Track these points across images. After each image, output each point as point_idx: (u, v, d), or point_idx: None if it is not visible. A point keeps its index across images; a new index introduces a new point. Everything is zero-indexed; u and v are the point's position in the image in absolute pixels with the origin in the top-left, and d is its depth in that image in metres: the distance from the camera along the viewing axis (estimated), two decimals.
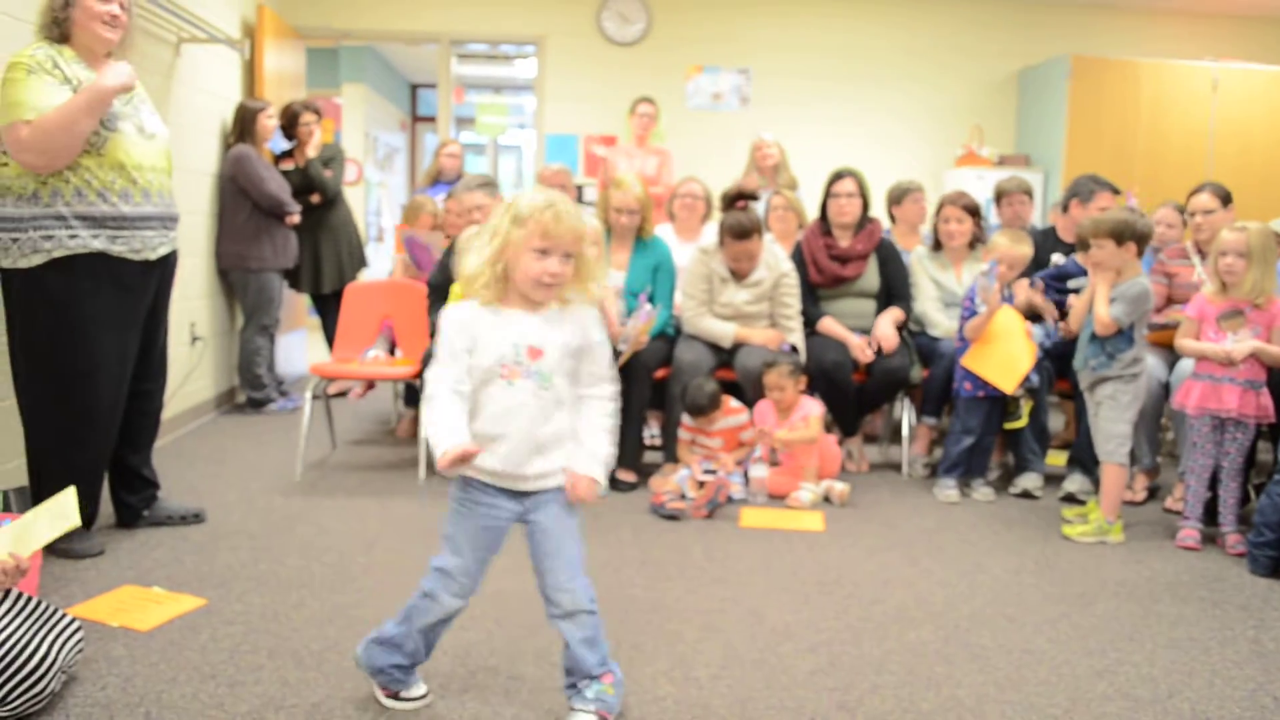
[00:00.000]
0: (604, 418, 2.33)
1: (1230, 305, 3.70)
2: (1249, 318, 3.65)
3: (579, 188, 6.65)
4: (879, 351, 4.54)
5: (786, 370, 4.24)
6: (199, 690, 2.43)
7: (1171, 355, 4.21)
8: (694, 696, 2.49)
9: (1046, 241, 5.08)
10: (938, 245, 4.88)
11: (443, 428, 2.19)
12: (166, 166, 3.42)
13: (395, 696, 2.40)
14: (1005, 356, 4.19)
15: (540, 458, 2.27)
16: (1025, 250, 4.33)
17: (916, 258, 4.90)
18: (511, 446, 2.24)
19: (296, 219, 5.76)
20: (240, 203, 5.58)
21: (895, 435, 4.98)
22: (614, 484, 4.31)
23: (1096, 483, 4.07)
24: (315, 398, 4.57)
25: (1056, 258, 4.83)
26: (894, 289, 4.76)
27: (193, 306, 5.36)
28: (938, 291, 4.80)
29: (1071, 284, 4.55)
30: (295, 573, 3.25)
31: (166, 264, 3.45)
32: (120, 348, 3.33)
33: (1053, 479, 4.52)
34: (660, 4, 7.74)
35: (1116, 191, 4.89)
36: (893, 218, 5.34)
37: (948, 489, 4.32)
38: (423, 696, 2.42)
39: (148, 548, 3.43)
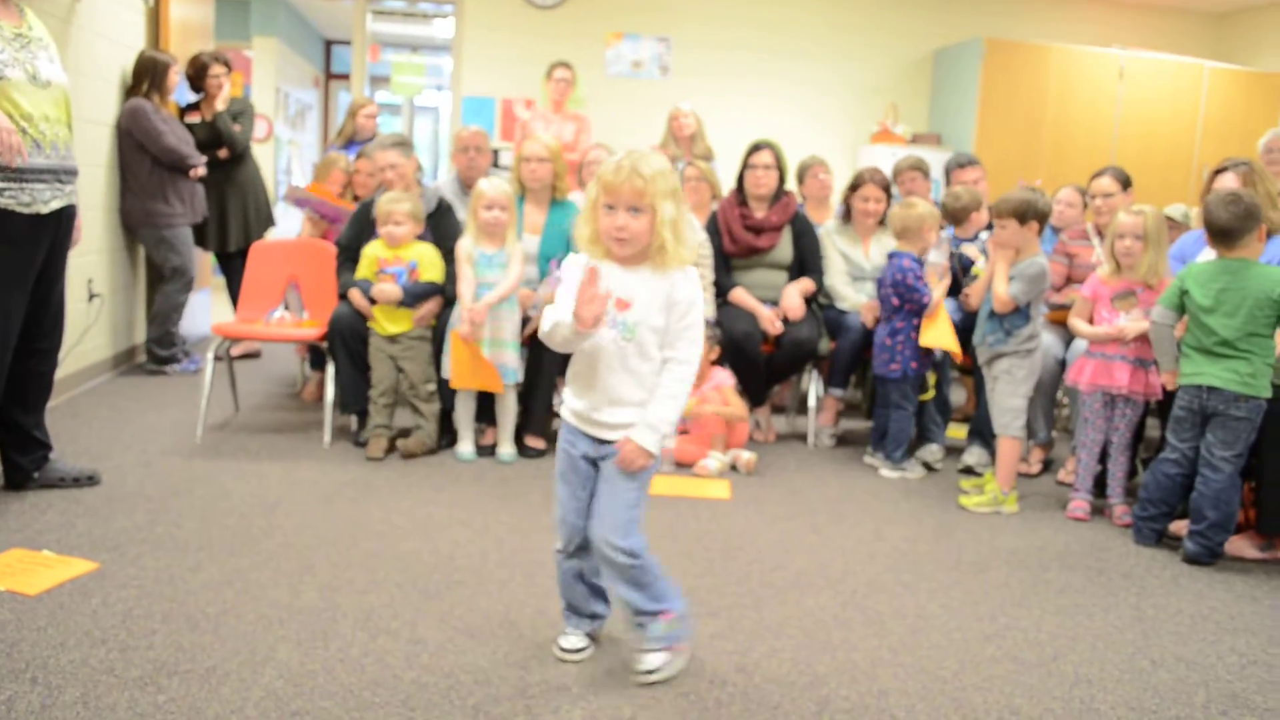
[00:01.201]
0: (675, 383, 2.35)
1: (1124, 286, 3.83)
2: (1141, 298, 3.78)
3: (495, 152, 6.57)
4: (787, 322, 4.59)
5: None
6: (89, 655, 2.38)
7: (1068, 333, 4.33)
8: (596, 658, 2.51)
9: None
10: (848, 217, 4.95)
11: (557, 314, 2.30)
12: (63, 116, 3.28)
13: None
14: (945, 325, 4.33)
15: (615, 408, 2.34)
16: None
17: (826, 232, 4.96)
18: (591, 390, 2.36)
19: (202, 171, 5.59)
20: (140, 158, 5.39)
21: (802, 406, 5.06)
22: (522, 450, 4.31)
23: (994, 455, 4.18)
24: (218, 359, 4.47)
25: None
26: (806, 261, 4.81)
27: (90, 262, 5.18)
28: (846, 265, 4.87)
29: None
30: (193, 536, 3.18)
31: (61, 219, 3.32)
32: (6, 304, 3.20)
33: (953, 451, 4.64)
34: None
35: (973, 163, 5.23)
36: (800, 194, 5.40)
37: (906, 465, 4.40)
38: (571, 649, 2.51)
39: (38, 510, 3.33)
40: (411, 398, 4.27)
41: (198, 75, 5.83)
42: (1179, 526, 3.58)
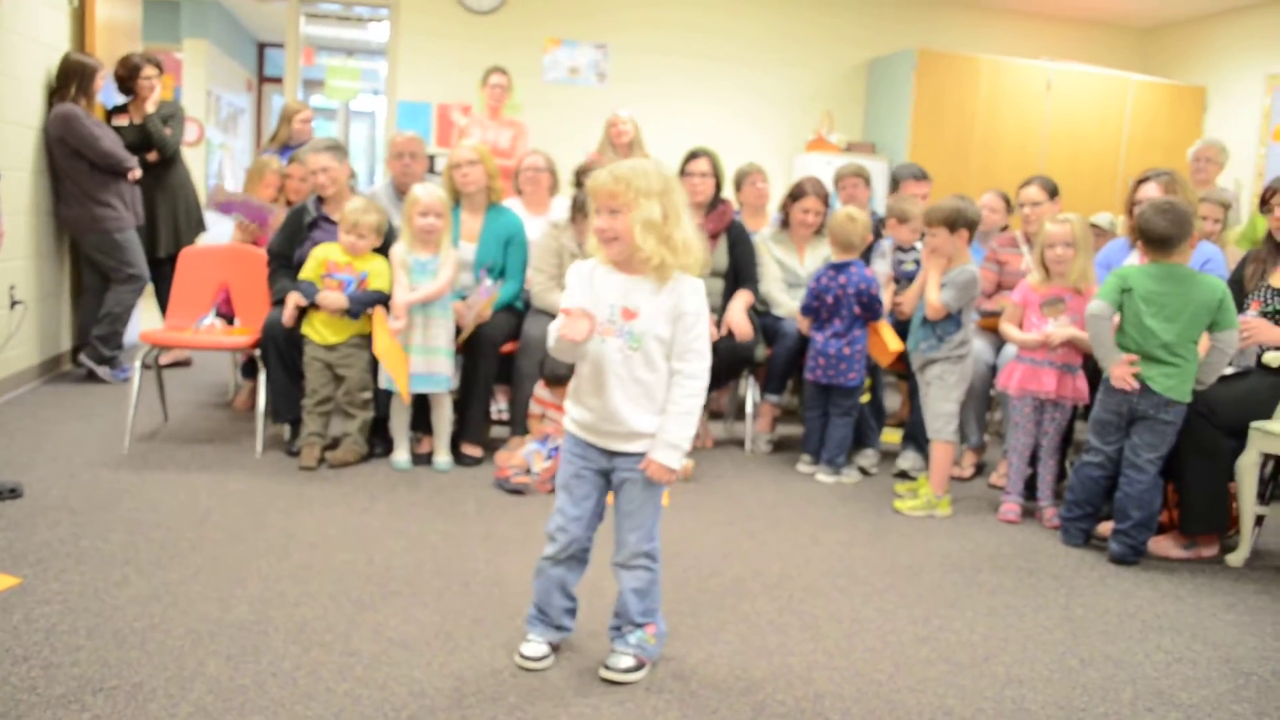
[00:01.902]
0: (687, 398, 2.38)
1: (1053, 292, 3.91)
2: (1069, 305, 3.86)
3: (431, 157, 6.52)
4: (730, 334, 4.61)
5: None
6: (9, 673, 2.31)
7: (999, 339, 4.41)
8: (532, 671, 2.50)
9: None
10: (785, 225, 4.99)
11: (556, 325, 2.33)
12: None
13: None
14: (889, 329, 4.43)
15: (624, 417, 2.35)
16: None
17: (762, 239, 5.00)
18: (598, 400, 2.37)
19: (138, 173, 5.48)
20: (77, 164, 5.26)
21: (739, 412, 5.09)
22: (459, 459, 4.28)
23: (928, 459, 4.24)
24: (146, 367, 4.37)
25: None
26: (741, 270, 4.83)
27: (14, 268, 5.04)
28: (782, 272, 4.91)
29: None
30: (119, 549, 3.11)
31: None
32: None
33: (888, 455, 4.70)
34: None
35: (921, 178, 5.22)
36: (737, 201, 5.44)
37: (843, 470, 4.44)
38: (534, 658, 2.48)
39: None
40: (345, 405, 4.21)
41: (129, 76, 5.71)
42: (1105, 528, 3.66)
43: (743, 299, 4.70)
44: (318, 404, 4.18)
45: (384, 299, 4.19)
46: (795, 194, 4.94)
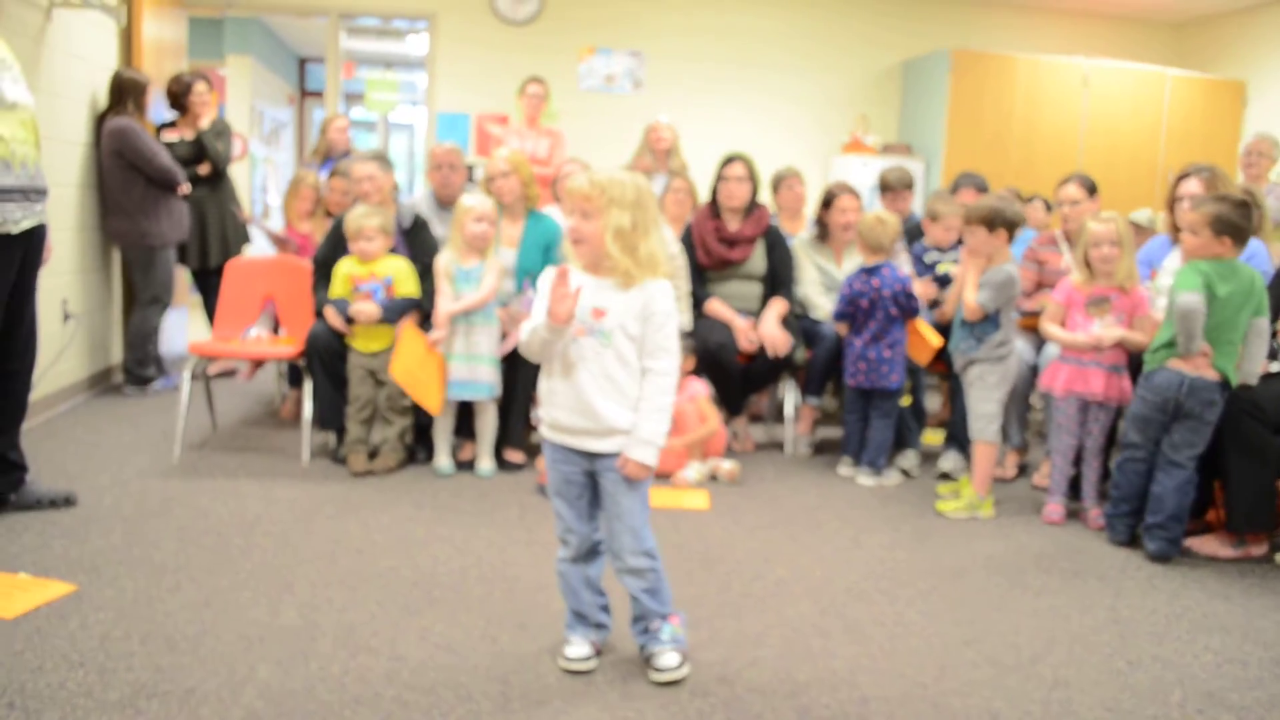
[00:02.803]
0: (658, 395, 2.42)
1: (1098, 292, 3.86)
2: (1114, 304, 3.82)
3: (469, 167, 6.58)
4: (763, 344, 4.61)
5: None
6: (66, 678, 2.36)
7: (1039, 338, 4.39)
8: (581, 674, 2.52)
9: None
10: (822, 234, 4.96)
11: (532, 321, 2.42)
12: (30, 137, 3.27)
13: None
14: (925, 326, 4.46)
15: (599, 412, 2.39)
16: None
17: (800, 243, 4.99)
18: (571, 400, 2.41)
19: (188, 189, 5.60)
20: (131, 178, 5.38)
21: (779, 415, 5.08)
22: (501, 464, 4.31)
23: (970, 460, 4.21)
24: (194, 378, 4.45)
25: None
26: (778, 274, 4.83)
27: (65, 283, 5.16)
28: (820, 276, 4.91)
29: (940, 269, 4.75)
30: (171, 556, 3.17)
31: (32, 238, 3.32)
32: None
33: (929, 457, 4.68)
34: None
35: (983, 189, 5.15)
36: (775, 205, 5.44)
37: (884, 472, 4.43)
38: (578, 658, 2.52)
39: (14, 532, 3.31)
40: (386, 411, 4.26)
41: (182, 93, 5.83)
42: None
43: (777, 308, 4.67)
44: (360, 410, 4.24)
45: (416, 304, 4.25)
46: (827, 200, 4.92)
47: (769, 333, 4.58)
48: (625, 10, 7.86)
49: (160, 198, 5.47)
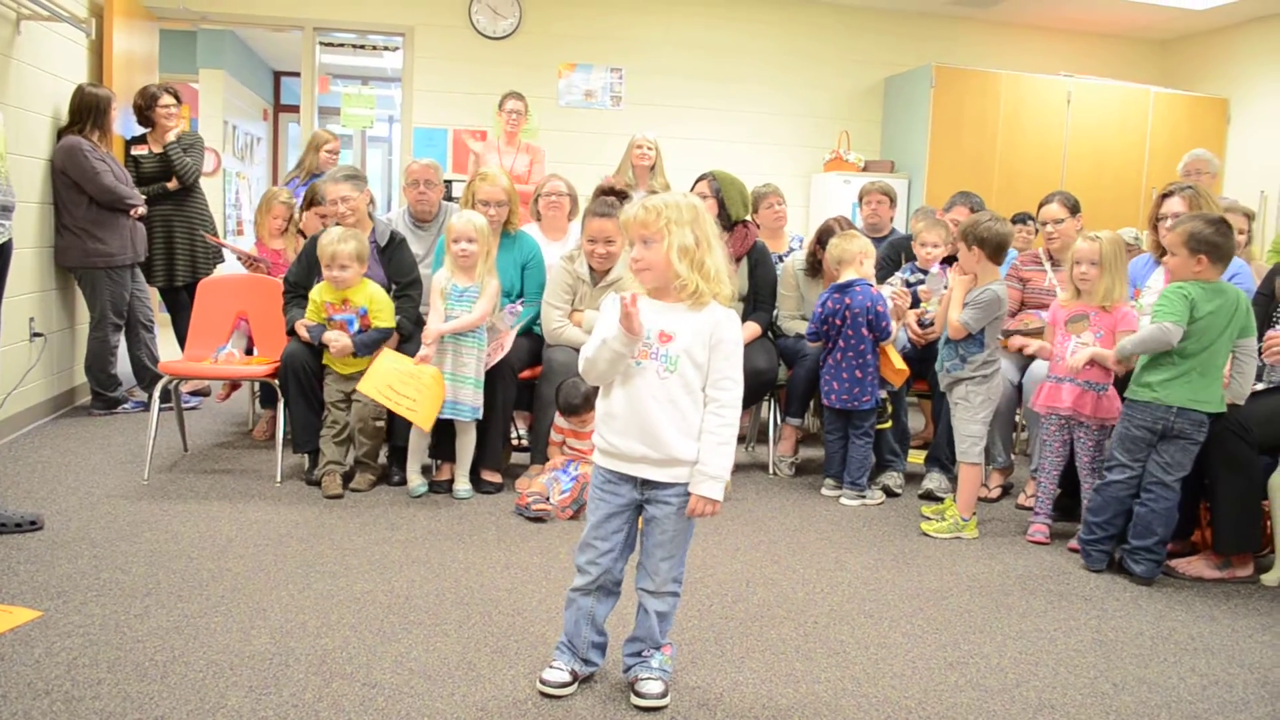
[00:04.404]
0: (723, 427, 2.36)
1: (1077, 310, 3.85)
2: (1093, 322, 3.81)
3: (448, 183, 6.53)
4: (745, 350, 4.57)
5: None
6: (31, 708, 2.29)
7: (1023, 359, 4.37)
8: (556, 699, 2.46)
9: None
10: (814, 270, 4.88)
11: (596, 338, 2.37)
12: (2, 152, 3.20)
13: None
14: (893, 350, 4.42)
15: (663, 440, 2.34)
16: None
17: (792, 271, 4.94)
18: (632, 426, 2.36)
19: (142, 211, 5.48)
20: (76, 197, 5.24)
21: (762, 435, 5.05)
22: (478, 485, 4.25)
23: (954, 480, 4.19)
24: (165, 400, 4.37)
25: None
26: (759, 295, 4.80)
27: (31, 300, 5.06)
28: (801, 307, 4.87)
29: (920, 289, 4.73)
30: (140, 581, 3.09)
31: (2, 254, 3.24)
32: None
33: (913, 477, 4.65)
34: (532, 0, 7.68)
35: (977, 208, 5.12)
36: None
37: (867, 491, 4.40)
38: (553, 684, 2.47)
39: None
40: (358, 432, 4.19)
41: (147, 106, 5.75)
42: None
43: (749, 331, 4.59)
44: (336, 434, 4.17)
45: (389, 336, 4.20)
46: (823, 239, 4.75)
47: None
48: (605, 25, 7.85)
49: (107, 218, 5.32)
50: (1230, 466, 3.44)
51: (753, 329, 4.66)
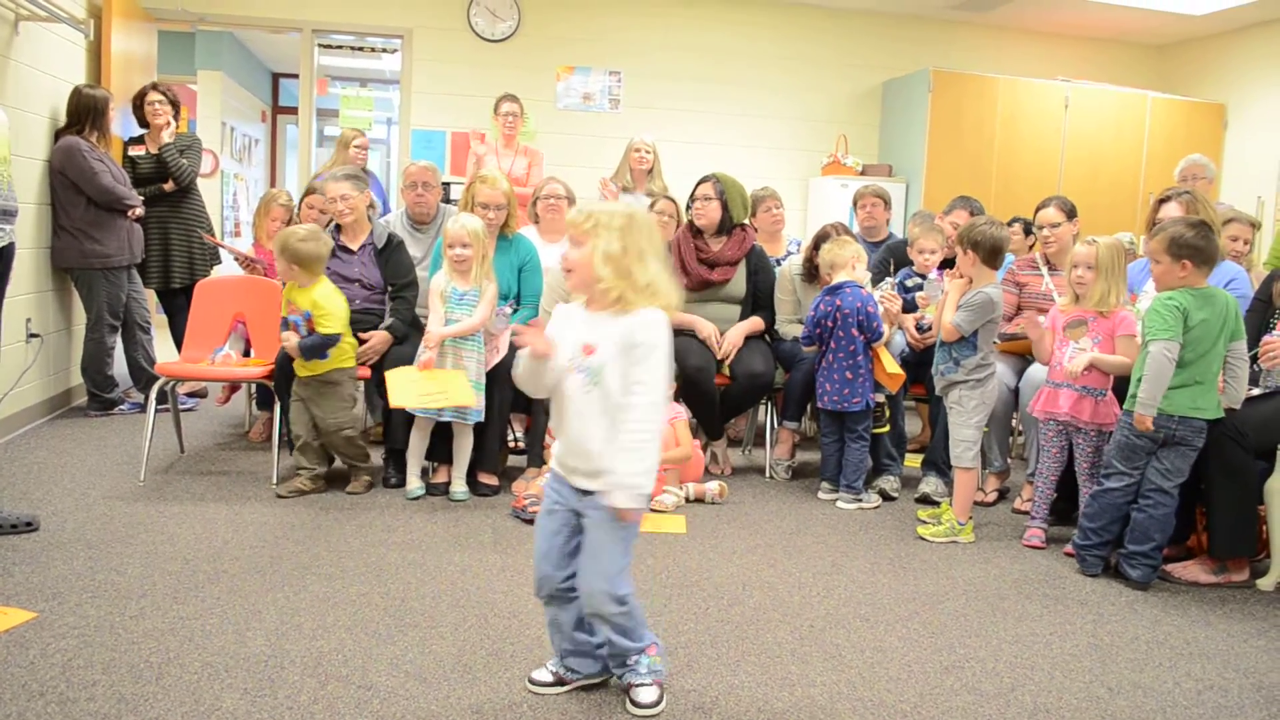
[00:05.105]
0: (630, 434, 2.27)
1: (1076, 315, 3.85)
2: (1091, 326, 3.81)
3: (446, 185, 6.53)
4: (739, 354, 4.58)
5: None
6: (25, 709, 2.29)
7: (1020, 363, 4.37)
8: (550, 701, 2.46)
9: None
10: (810, 275, 4.88)
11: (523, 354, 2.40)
12: (5, 156, 3.20)
13: None
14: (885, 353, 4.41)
15: (589, 452, 2.33)
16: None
17: (789, 275, 4.94)
18: (565, 437, 2.39)
19: (140, 212, 5.48)
20: (73, 197, 5.23)
21: (759, 439, 5.05)
22: (475, 487, 4.25)
23: (951, 484, 4.18)
24: (161, 401, 4.36)
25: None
26: (759, 297, 4.81)
27: (28, 301, 5.06)
28: (798, 311, 4.87)
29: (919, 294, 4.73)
30: (135, 583, 3.09)
31: (3, 257, 3.24)
32: None
33: (910, 481, 4.65)
34: (531, 2, 7.68)
35: (977, 213, 5.11)
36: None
37: (864, 494, 4.40)
38: (539, 683, 2.52)
39: None
40: (325, 440, 4.17)
41: (139, 106, 5.74)
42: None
43: (750, 323, 4.65)
44: (298, 436, 4.15)
45: (334, 342, 4.08)
46: (819, 245, 4.69)
47: (730, 337, 4.58)
48: (604, 28, 7.85)
49: (105, 218, 5.31)
50: (1226, 471, 3.45)
51: (754, 323, 4.68)
